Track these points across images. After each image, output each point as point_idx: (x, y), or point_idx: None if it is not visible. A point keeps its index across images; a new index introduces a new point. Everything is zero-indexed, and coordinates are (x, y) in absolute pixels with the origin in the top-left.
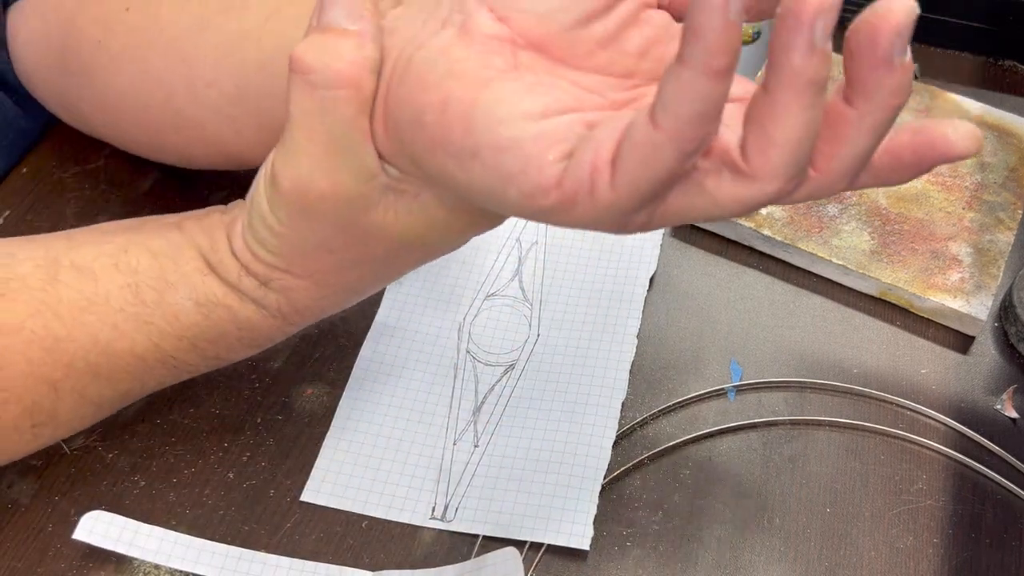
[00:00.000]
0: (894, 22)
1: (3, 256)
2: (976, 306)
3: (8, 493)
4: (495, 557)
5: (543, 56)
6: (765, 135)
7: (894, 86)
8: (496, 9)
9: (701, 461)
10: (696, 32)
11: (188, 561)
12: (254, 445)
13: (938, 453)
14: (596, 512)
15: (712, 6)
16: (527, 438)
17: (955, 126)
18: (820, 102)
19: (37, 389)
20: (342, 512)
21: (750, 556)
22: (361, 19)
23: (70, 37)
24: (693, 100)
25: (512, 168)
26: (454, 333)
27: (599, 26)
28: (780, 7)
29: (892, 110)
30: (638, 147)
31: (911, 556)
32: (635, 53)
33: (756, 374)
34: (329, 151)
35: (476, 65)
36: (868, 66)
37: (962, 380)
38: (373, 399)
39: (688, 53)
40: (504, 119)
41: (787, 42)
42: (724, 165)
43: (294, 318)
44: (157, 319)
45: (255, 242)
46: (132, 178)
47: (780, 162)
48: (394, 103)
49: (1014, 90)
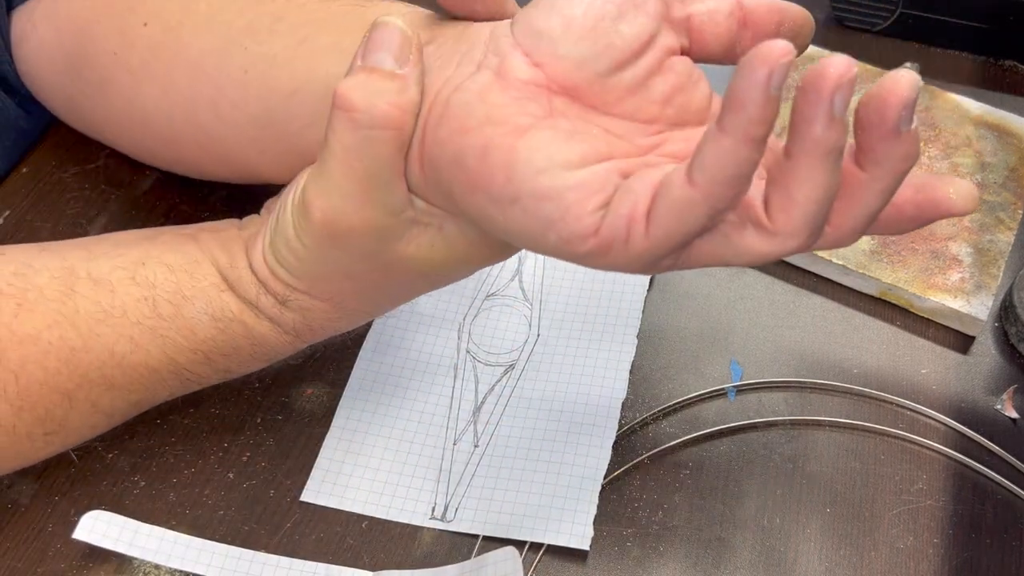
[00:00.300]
0: (901, 96)
1: (20, 266)
2: (976, 306)
3: (8, 493)
4: (495, 557)
5: (576, 102)
6: (788, 197)
7: (902, 153)
8: (531, 54)
9: (701, 461)
10: (738, 104)
11: (188, 561)
12: (254, 445)
13: (938, 453)
14: (596, 512)
15: (755, 82)
16: (527, 438)
17: (956, 187)
18: (839, 167)
19: (51, 398)
20: (342, 512)
21: (750, 556)
22: (407, 63)
23: (84, 47)
24: (730, 164)
25: (552, 215)
26: (454, 333)
27: (628, 73)
28: (800, 80)
29: (901, 174)
30: (674, 203)
31: (911, 556)
32: (660, 100)
33: (756, 374)
34: (364, 187)
35: (514, 111)
36: (878, 136)
37: (962, 380)
38: (373, 399)
39: (729, 122)
40: (544, 168)
41: (809, 115)
42: (749, 220)
43: (307, 336)
44: (173, 333)
45: (276, 263)
46: (132, 178)
47: (802, 222)
48: (433, 144)
49: (1014, 90)
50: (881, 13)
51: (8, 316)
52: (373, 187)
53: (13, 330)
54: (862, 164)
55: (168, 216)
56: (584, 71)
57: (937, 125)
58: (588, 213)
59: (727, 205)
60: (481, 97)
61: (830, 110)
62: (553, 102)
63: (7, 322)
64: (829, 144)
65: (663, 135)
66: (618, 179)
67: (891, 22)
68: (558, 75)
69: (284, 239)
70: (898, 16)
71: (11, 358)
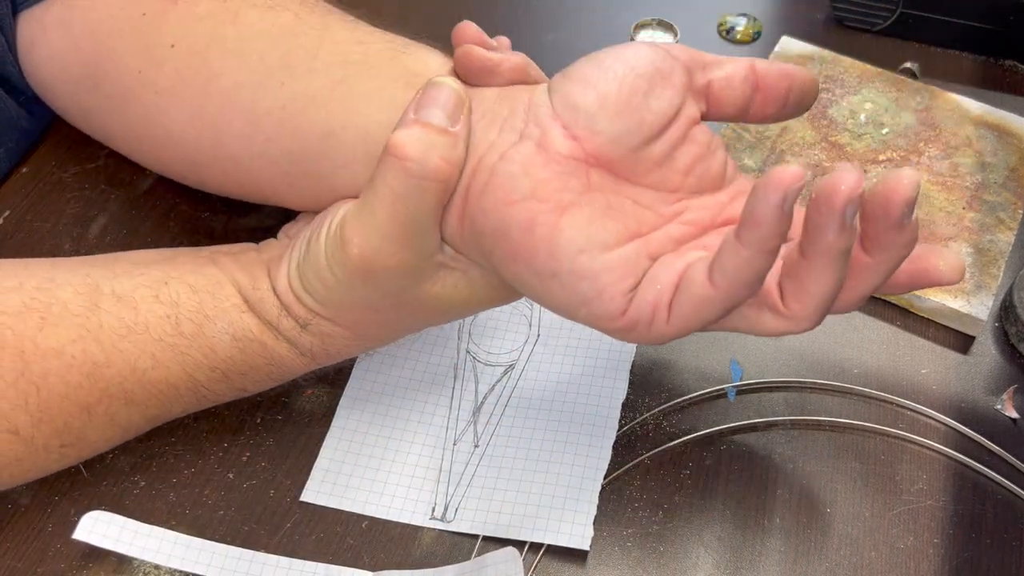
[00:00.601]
0: (903, 194)
1: (43, 280)
2: (976, 306)
3: (8, 493)
4: (495, 557)
5: (610, 174)
6: (803, 290)
7: (904, 241)
8: (569, 127)
9: (701, 461)
10: (755, 223)
11: (188, 561)
12: (254, 445)
13: (938, 453)
14: (596, 512)
15: (771, 205)
16: (527, 438)
17: (946, 259)
18: (847, 263)
19: (71, 411)
20: (342, 512)
21: (750, 556)
22: (458, 123)
23: (104, 61)
24: (747, 271)
25: (588, 294)
26: (454, 333)
27: (657, 146)
28: (813, 192)
29: (901, 258)
30: (694, 298)
31: (911, 556)
32: (683, 171)
33: (756, 374)
34: (405, 231)
35: (556, 187)
36: (883, 228)
37: (962, 380)
38: (373, 399)
39: (747, 237)
40: (584, 248)
41: (822, 224)
42: (766, 305)
43: (323, 359)
44: (194, 351)
45: (303, 289)
46: (132, 178)
47: (814, 309)
48: (477, 209)
49: (1014, 90)
50: (881, 13)
51: (33, 330)
52: (413, 232)
53: (37, 343)
54: (868, 250)
55: (168, 216)
56: (618, 146)
57: (937, 125)
58: (620, 294)
59: (741, 302)
60: (525, 170)
61: (842, 221)
62: (590, 176)
63: (31, 335)
64: (840, 247)
65: (683, 203)
66: (647, 261)
67: (891, 22)
68: (594, 149)
69: (314, 268)
70: (898, 16)
71: (34, 371)
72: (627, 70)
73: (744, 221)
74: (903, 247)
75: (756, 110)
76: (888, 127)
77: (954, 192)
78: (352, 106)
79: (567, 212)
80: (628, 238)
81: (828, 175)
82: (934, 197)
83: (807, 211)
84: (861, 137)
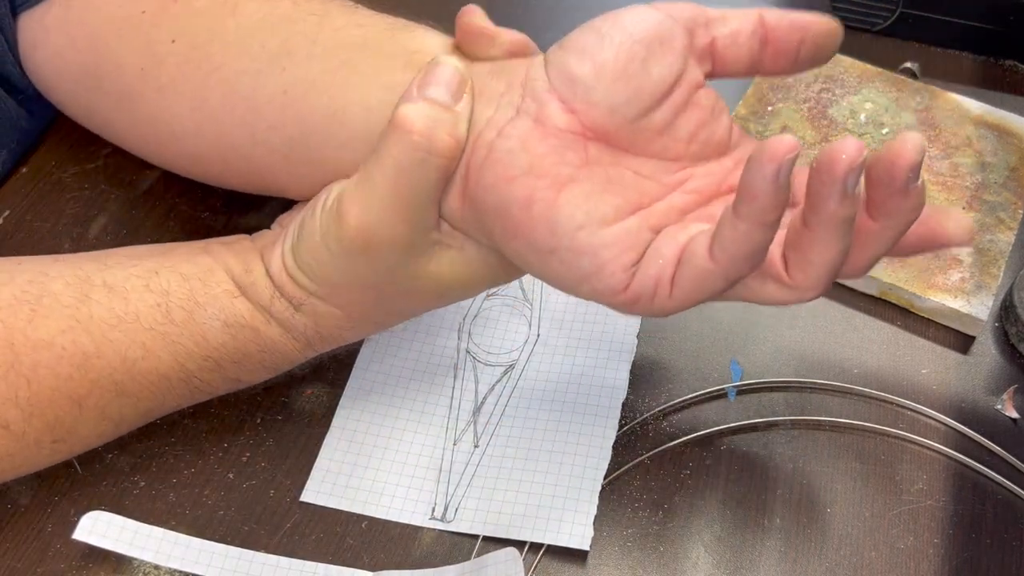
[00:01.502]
0: (908, 159)
1: (35, 274)
2: (976, 306)
3: (8, 493)
4: (495, 557)
5: (609, 146)
6: (806, 259)
7: (910, 206)
8: (566, 100)
9: (701, 461)
10: (751, 196)
11: (188, 561)
12: (254, 445)
13: (938, 453)
14: (596, 512)
15: (765, 177)
16: (527, 438)
17: (955, 219)
18: (851, 232)
19: (62, 405)
20: (342, 512)
21: (750, 556)
22: (460, 101)
23: (103, 60)
24: (746, 245)
25: (588, 270)
26: (454, 333)
27: (658, 115)
28: (815, 162)
29: (908, 223)
30: (696, 272)
31: (911, 556)
32: (685, 139)
33: (756, 374)
34: (404, 204)
35: (554, 161)
36: (887, 194)
37: (962, 380)
38: (373, 399)
39: (743, 210)
40: (583, 224)
41: (824, 193)
42: (770, 276)
43: (316, 344)
44: (185, 339)
45: (296, 266)
46: (132, 178)
47: (817, 279)
48: (477, 186)
49: (1014, 90)
50: (881, 13)
51: (23, 322)
52: (412, 207)
53: (27, 335)
54: (873, 216)
55: (168, 216)
56: (617, 117)
57: (937, 125)
58: (621, 269)
59: (744, 275)
60: (523, 146)
61: (844, 189)
62: (588, 149)
63: (21, 327)
64: (842, 216)
65: (687, 171)
66: (649, 235)
67: (891, 22)
68: (592, 121)
69: (308, 245)
70: (898, 16)
71: (24, 363)
72: (624, 37)
73: (740, 195)
74: (909, 212)
75: (766, 66)
76: (888, 127)
77: (954, 192)
78: (353, 87)
79: (565, 188)
80: (629, 211)
81: (829, 144)
82: (934, 197)
83: (808, 181)
84: (861, 137)
